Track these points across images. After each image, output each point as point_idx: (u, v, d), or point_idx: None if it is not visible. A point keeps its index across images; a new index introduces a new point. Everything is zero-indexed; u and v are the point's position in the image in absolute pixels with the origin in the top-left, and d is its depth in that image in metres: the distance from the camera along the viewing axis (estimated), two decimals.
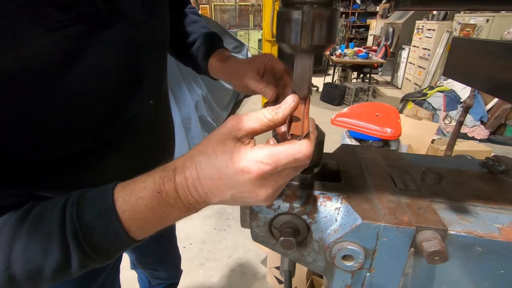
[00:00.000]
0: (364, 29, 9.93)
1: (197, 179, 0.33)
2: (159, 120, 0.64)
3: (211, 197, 0.33)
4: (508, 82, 0.55)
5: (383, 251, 0.37)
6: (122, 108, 0.51)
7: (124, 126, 0.53)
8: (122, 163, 0.56)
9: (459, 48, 0.73)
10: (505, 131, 3.80)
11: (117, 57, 0.47)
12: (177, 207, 0.34)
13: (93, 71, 0.43)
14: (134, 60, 0.51)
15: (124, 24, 0.47)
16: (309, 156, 0.32)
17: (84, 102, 0.45)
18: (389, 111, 1.84)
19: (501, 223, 0.37)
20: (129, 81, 0.51)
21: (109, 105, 0.49)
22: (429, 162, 0.54)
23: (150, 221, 0.35)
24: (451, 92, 3.89)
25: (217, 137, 0.33)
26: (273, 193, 0.33)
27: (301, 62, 0.41)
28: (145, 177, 0.35)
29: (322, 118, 4.43)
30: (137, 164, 0.59)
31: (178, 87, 2.83)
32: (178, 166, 0.34)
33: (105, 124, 0.50)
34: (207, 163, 0.32)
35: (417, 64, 5.65)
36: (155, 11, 0.55)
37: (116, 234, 0.34)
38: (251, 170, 0.30)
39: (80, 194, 0.36)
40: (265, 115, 0.33)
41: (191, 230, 2.14)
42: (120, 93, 0.50)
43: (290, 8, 0.37)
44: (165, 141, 0.70)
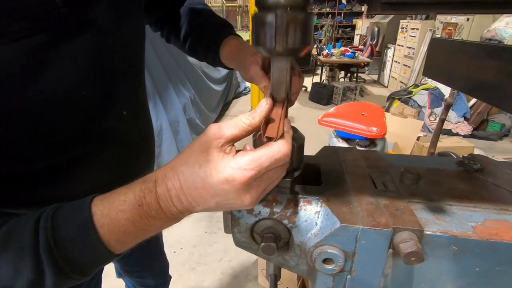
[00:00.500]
0: (351, 28, 10.07)
1: (180, 189, 0.32)
2: (135, 131, 0.63)
3: (195, 205, 0.33)
4: (483, 82, 0.56)
5: (362, 254, 0.38)
6: (94, 120, 0.50)
7: (98, 138, 0.52)
8: (96, 177, 0.54)
9: (437, 49, 0.74)
10: (487, 127, 3.91)
11: (85, 68, 0.46)
12: (159, 218, 0.34)
13: (60, 82, 0.42)
14: (103, 70, 0.49)
15: (92, 33, 0.45)
16: (287, 154, 0.33)
17: (51, 115, 0.43)
18: (375, 110, 1.86)
19: (475, 221, 0.38)
20: (99, 92, 0.50)
21: (79, 118, 0.47)
22: (409, 162, 0.55)
23: (130, 234, 0.34)
24: (435, 89, 3.98)
25: (199, 146, 0.33)
26: (257, 196, 0.34)
27: (277, 65, 0.41)
28: (125, 190, 0.34)
29: (311, 117, 4.46)
30: (112, 177, 0.57)
31: (165, 90, 2.80)
32: (159, 177, 0.34)
33: (76, 137, 0.48)
34: (191, 173, 0.32)
35: (402, 63, 5.77)
36: (126, 17, 0.54)
37: (94, 249, 0.33)
38: (236, 178, 0.30)
39: (55, 208, 0.35)
40: (243, 120, 0.34)
41: (181, 234, 2.11)
42: (91, 104, 0.48)
43: (264, 12, 0.36)
44: (142, 153, 0.68)
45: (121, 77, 0.54)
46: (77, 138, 0.48)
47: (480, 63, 0.57)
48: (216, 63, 0.69)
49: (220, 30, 0.68)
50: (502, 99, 0.51)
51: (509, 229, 0.36)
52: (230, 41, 0.65)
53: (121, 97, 0.55)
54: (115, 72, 0.52)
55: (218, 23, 0.70)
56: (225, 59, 0.66)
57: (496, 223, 0.37)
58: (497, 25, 3.98)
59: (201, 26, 0.71)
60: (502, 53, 0.52)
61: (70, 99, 0.44)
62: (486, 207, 0.41)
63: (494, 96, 0.54)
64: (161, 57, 2.82)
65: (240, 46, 0.62)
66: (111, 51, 0.50)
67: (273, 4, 0.35)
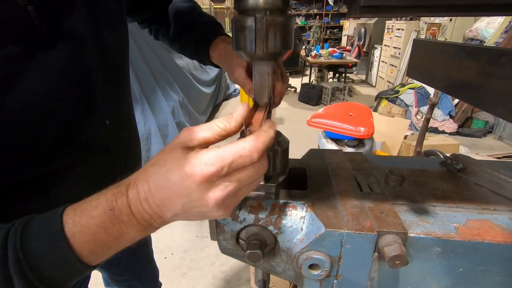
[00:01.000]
0: (338, 29, 10.20)
1: (148, 191, 0.31)
2: (119, 140, 0.61)
3: (164, 210, 0.32)
4: (464, 82, 0.57)
5: (347, 258, 0.37)
6: (73, 131, 0.49)
7: (77, 149, 0.50)
8: (78, 189, 0.53)
9: (420, 50, 0.75)
10: (472, 124, 4.02)
11: (62, 78, 0.44)
12: (131, 225, 0.32)
13: (35, 93, 0.40)
14: (82, 79, 0.48)
15: (68, 42, 0.44)
16: (253, 151, 0.30)
17: (26, 128, 0.42)
18: (362, 110, 1.89)
19: (458, 222, 0.38)
20: (78, 102, 0.48)
21: (57, 129, 0.46)
22: (393, 163, 0.56)
23: (103, 242, 0.32)
24: (421, 88, 4.06)
25: (169, 148, 0.32)
26: (223, 199, 0.31)
27: (259, 70, 0.41)
28: (98, 195, 0.33)
29: (301, 118, 4.48)
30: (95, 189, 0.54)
31: (152, 93, 2.76)
32: (131, 181, 0.33)
33: (55, 149, 0.46)
34: (158, 173, 0.31)
35: (389, 63, 5.87)
36: (107, 25, 0.52)
37: (66, 261, 0.31)
38: (195, 172, 0.29)
39: (25, 220, 0.33)
40: (217, 124, 0.33)
41: (171, 239, 2.09)
42: (69, 115, 0.47)
43: (243, 15, 0.36)
44: (127, 162, 0.66)
45: (101, 86, 0.52)
46: (55, 150, 0.47)
47: (460, 63, 0.58)
48: (207, 63, 0.68)
49: (208, 31, 0.67)
50: (483, 99, 0.52)
51: (490, 228, 0.37)
52: (219, 42, 0.64)
53: (102, 107, 0.54)
54: (94, 81, 0.50)
55: (206, 24, 0.68)
56: (215, 60, 0.65)
57: (478, 223, 0.38)
58: (479, 25, 4.10)
59: (189, 26, 0.70)
60: (482, 54, 0.53)
61: (46, 110, 0.43)
62: (468, 207, 0.41)
63: (475, 97, 0.55)
64: (148, 60, 2.79)
65: (227, 47, 0.62)
66: (90, 60, 0.49)
67: (252, 7, 0.34)
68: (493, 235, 0.35)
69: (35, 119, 0.42)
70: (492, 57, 0.48)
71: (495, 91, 0.47)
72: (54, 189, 0.49)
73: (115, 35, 0.56)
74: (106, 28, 0.52)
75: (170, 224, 1.08)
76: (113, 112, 0.58)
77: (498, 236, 0.35)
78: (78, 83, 0.47)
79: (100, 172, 0.57)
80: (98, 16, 0.50)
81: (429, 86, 3.45)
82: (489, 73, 0.50)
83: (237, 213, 0.42)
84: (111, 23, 0.55)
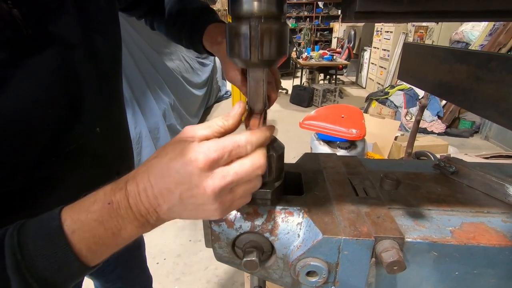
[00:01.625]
0: (328, 32, 10.31)
1: (147, 181, 0.31)
2: (111, 147, 0.60)
3: (161, 202, 0.32)
4: (454, 86, 0.58)
5: (345, 264, 0.37)
6: (62, 139, 0.47)
7: (67, 158, 0.49)
8: (68, 199, 0.51)
9: (410, 53, 0.76)
10: (459, 124, 4.11)
11: (50, 84, 0.43)
12: (128, 220, 0.32)
13: (22, 100, 0.39)
14: (71, 86, 0.47)
15: (56, 47, 0.43)
16: (248, 142, 0.33)
17: (13, 135, 0.40)
18: (354, 112, 1.90)
19: (453, 225, 0.38)
20: (67, 109, 0.47)
21: (44, 137, 0.44)
22: (388, 166, 0.56)
23: (101, 239, 0.32)
24: (410, 90, 4.14)
25: (171, 142, 0.34)
26: (220, 189, 0.31)
27: (253, 76, 0.40)
28: (96, 192, 0.33)
29: (292, 120, 4.50)
30: None
31: (143, 96, 2.73)
32: (131, 176, 0.33)
33: (43, 158, 0.45)
34: (159, 162, 0.32)
35: (379, 64, 5.96)
36: (99, 29, 0.51)
37: (65, 260, 0.31)
38: (198, 158, 0.30)
39: (20, 223, 0.32)
40: (216, 122, 0.35)
41: (164, 244, 2.05)
42: (57, 123, 0.46)
43: (238, 22, 0.35)
44: (119, 170, 0.65)
45: (91, 93, 0.51)
46: (43, 159, 0.45)
47: (450, 67, 0.59)
48: (203, 53, 0.67)
49: (199, 19, 0.65)
50: (473, 103, 0.53)
51: (484, 231, 0.37)
52: (211, 31, 0.62)
53: (93, 114, 0.52)
54: (84, 88, 0.49)
55: (197, 11, 0.66)
56: (210, 49, 0.64)
57: (472, 226, 0.38)
58: (464, 28, 4.21)
59: (181, 15, 0.68)
60: (471, 58, 0.54)
61: (34, 117, 0.42)
62: (463, 210, 0.41)
63: (465, 100, 0.55)
64: (138, 63, 2.76)
65: (221, 38, 0.60)
66: (80, 66, 0.47)
67: (246, 14, 0.34)
68: (487, 238, 0.36)
69: (22, 127, 0.40)
70: (481, 61, 0.49)
71: (485, 94, 0.48)
72: (43, 200, 0.47)
73: (107, 39, 0.54)
74: (97, 32, 0.51)
75: (163, 229, 1.08)
76: (104, 119, 0.57)
77: (493, 239, 0.35)
78: (67, 90, 0.46)
79: (91, 181, 0.55)
80: (89, 19, 0.48)
81: (420, 89, 3.53)
82: (479, 77, 0.50)
83: (232, 220, 0.41)
84: (103, 26, 0.54)
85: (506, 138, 3.63)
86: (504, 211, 0.41)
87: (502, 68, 0.43)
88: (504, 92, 0.43)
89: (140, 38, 2.92)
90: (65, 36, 0.44)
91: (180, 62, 3.89)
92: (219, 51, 0.60)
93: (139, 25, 2.90)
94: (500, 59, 0.45)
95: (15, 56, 0.38)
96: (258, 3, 0.33)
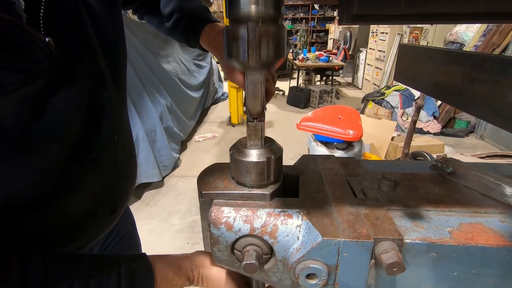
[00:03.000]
0: (324, 33, 10.37)
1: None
2: (122, 152, 0.62)
3: None
4: (449, 87, 0.59)
5: (345, 266, 0.37)
6: (85, 151, 0.49)
7: (87, 165, 0.51)
8: (84, 198, 0.53)
9: (405, 54, 0.77)
10: (455, 124, 4.15)
11: (79, 106, 0.45)
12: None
13: (54, 123, 0.41)
14: (96, 105, 0.49)
15: (84, 71, 0.45)
16: None
17: (43, 152, 0.42)
18: (351, 113, 1.91)
19: (451, 226, 0.38)
20: (91, 125, 0.49)
21: (69, 150, 0.46)
22: (385, 167, 0.56)
23: None
24: (406, 90, 4.17)
25: None
26: None
27: (252, 79, 0.40)
28: None
29: (289, 121, 4.51)
30: (101, 197, 0.57)
31: (140, 98, 2.72)
32: None
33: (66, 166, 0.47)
34: None
35: (374, 65, 6.00)
36: (112, 47, 0.53)
37: None
38: None
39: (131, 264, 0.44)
40: None
41: (162, 247, 2.04)
42: (82, 137, 0.48)
43: (235, 25, 0.36)
44: (127, 172, 0.66)
45: (111, 106, 0.54)
46: (67, 166, 0.47)
47: (446, 68, 0.60)
48: (197, 49, 0.69)
49: (196, 17, 0.66)
50: (468, 103, 0.54)
51: (482, 232, 0.37)
52: (209, 31, 0.64)
53: (112, 124, 0.55)
54: (105, 101, 0.52)
55: (194, 9, 0.67)
56: (206, 47, 0.65)
57: (470, 226, 0.38)
58: (459, 29, 4.25)
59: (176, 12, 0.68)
60: (466, 59, 0.54)
61: (62, 135, 0.44)
62: (460, 211, 0.42)
63: (460, 101, 0.56)
64: (135, 65, 2.75)
65: (217, 37, 0.62)
66: (104, 85, 0.50)
67: (244, 17, 0.34)
68: (485, 238, 0.36)
69: (53, 143, 0.42)
70: (476, 63, 0.49)
71: (480, 95, 0.48)
72: (62, 200, 0.49)
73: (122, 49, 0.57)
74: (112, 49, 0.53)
75: (161, 232, 1.08)
76: (119, 127, 0.59)
77: (491, 239, 0.36)
78: (92, 109, 0.48)
79: (105, 184, 0.57)
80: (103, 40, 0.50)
81: (416, 90, 3.55)
82: (474, 77, 0.51)
83: (231, 223, 0.41)
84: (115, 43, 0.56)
85: (501, 137, 3.67)
86: (501, 211, 0.41)
87: (496, 69, 0.43)
88: (498, 92, 0.43)
89: (136, 40, 2.91)
90: (92, 58, 0.46)
91: (176, 64, 3.89)
92: (219, 52, 0.61)
93: (135, 27, 2.89)
94: (494, 60, 0.45)
95: (52, 84, 0.39)
96: (255, 6, 0.33)
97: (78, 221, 0.53)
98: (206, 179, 0.47)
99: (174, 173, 3.12)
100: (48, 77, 0.38)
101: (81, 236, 0.55)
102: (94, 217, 0.57)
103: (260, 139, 0.44)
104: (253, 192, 0.43)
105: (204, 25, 0.64)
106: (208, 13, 0.68)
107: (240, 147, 0.44)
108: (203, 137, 4.06)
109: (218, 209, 0.42)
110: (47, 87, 0.39)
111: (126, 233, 0.78)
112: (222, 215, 0.41)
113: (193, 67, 4.46)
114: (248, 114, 0.42)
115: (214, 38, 0.63)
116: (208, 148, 3.77)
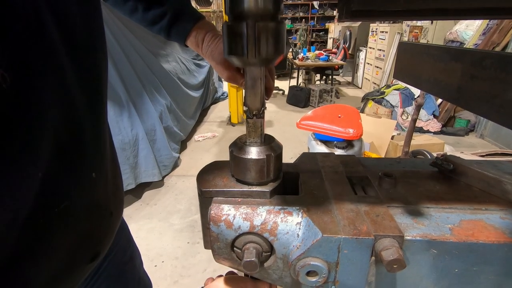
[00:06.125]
0: (324, 32, 10.36)
1: None
2: (105, 190, 0.53)
3: None
4: (449, 84, 0.59)
5: (345, 263, 0.37)
6: (52, 201, 0.40)
7: (58, 217, 0.41)
8: (57, 259, 0.44)
9: (405, 52, 0.77)
10: (455, 123, 4.15)
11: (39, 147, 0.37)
12: None
13: None
14: (65, 136, 0.41)
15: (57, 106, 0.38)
16: None
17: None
18: (351, 112, 1.91)
19: (452, 223, 0.38)
20: (59, 166, 0.40)
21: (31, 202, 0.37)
22: (386, 165, 0.56)
23: None
24: (406, 89, 4.17)
25: None
26: None
27: (251, 75, 0.40)
28: None
29: (289, 120, 4.51)
30: (75, 249, 0.47)
31: (139, 98, 2.72)
32: None
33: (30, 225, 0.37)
34: None
35: (374, 65, 6.00)
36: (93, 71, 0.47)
37: None
38: None
39: None
40: None
41: (162, 247, 2.04)
42: (48, 183, 0.38)
43: (235, 22, 0.35)
44: (113, 209, 0.57)
45: (85, 137, 0.45)
46: (30, 225, 0.38)
47: (445, 65, 0.60)
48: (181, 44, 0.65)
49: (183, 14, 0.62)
50: (468, 100, 0.53)
51: (483, 228, 0.37)
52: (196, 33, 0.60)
53: (87, 160, 0.46)
54: (78, 134, 0.44)
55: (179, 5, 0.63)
56: (195, 50, 0.63)
57: (471, 223, 0.38)
58: (458, 28, 4.25)
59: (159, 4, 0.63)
60: (465, 56, 0.54)
61: (17, 185, 0.35)
62: (461, 208, 0.41)
63: (460, 98, 0.56)
64: (134, 65, 2.74)
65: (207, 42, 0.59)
66: (75, 112, 0.43)
67: (243, 13, 0.34)
68: (486, 235, 0.36)
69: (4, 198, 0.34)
70: (475, 60, 0.49)
71: (479, 92, 0.48)
72: (24, 266, 0.39)
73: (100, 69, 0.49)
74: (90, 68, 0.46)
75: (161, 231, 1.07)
76: (99, 160, 0.50)
77: (492, 236, 0.35)
78: (59, 147, 0.40)
79: (83, 234, 0.48)
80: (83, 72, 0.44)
81: (415, 88, 3.56)
82: (473, 75, 0.51)
83: (231, 221, 0.41)
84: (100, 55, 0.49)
85: (501, 136, 3.67)
86: (502, 208, 0.41)
87: (496, 66, 0.43)
88: (498, 89, 0.43)
89: (135, 40, 2.91)
90: (59, 84, 0.39)
91: (176, 64, 3.89)
92: (208, 53, 0.59)
93: (135, 27, 2.89)
94: (493, 57, 0.45)
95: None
96: (255, 1, 0.33)
97: (51, 279, 0.43)
98: (206, 176, 0.47)
99: (174, 172, 3.12)
100: None
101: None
102: (71, 271, 0.48)
103: (260, 136, 0.44)
104: (253, 189, 0.43)
105: (193, 25, 0.60)
106: (194, 11, 0.63)
107: (240, 144, 0.44)
108: (203, 136, 4.06)
109: (217, 207, 0.42)
110: None
111: (119, 248, 0.71)
112: (221, 212, 0.41)
113: (192, 67, 4.45)
114: (247, 111, 0.42)
115: (208, 44, 0.59)
116: (208, 148, 3.77)
